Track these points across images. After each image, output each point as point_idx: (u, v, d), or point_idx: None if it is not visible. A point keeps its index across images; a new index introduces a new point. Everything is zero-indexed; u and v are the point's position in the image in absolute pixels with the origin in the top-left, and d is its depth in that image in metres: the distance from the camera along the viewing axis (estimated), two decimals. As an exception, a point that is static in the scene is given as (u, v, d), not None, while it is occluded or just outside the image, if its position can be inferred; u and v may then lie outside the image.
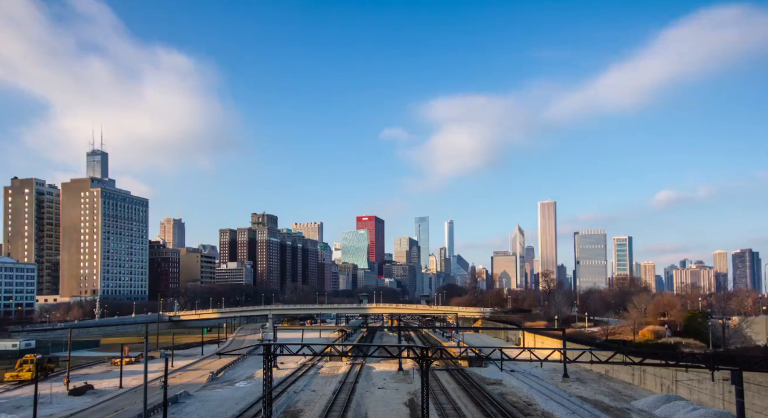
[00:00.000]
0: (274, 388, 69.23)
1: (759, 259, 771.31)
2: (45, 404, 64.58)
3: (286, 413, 59.62)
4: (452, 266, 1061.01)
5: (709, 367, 44.46)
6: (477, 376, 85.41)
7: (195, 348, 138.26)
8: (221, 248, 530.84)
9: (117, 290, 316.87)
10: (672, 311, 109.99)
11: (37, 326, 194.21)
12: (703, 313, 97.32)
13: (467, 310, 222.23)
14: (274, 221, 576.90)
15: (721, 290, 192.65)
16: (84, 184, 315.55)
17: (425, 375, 45.90)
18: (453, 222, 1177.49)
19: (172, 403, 61.81)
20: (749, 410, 47.00)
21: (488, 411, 58.08)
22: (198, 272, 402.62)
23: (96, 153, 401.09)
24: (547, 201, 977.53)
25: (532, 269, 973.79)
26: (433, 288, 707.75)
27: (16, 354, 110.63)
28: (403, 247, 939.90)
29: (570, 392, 71.01)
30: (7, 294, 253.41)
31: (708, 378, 52.23)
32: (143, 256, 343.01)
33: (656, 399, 61.79)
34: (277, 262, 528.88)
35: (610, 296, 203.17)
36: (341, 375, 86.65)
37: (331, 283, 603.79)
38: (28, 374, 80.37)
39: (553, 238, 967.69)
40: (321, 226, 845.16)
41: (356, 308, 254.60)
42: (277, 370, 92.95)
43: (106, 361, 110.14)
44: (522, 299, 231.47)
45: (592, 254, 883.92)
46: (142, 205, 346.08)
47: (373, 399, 66.43)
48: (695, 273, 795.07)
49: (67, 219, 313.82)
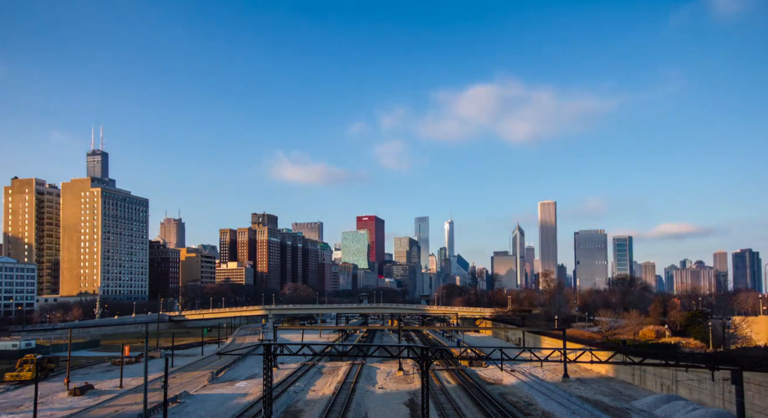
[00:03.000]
0: (275, 388, 69.22)
1: (759, 259, 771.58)
2: (45, 403, 64.62)
3: (287, 413, 59.62)
4: (452, 266, 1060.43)
5: (709, 367, 44.44)
6: (477, 376, 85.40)
7: (195, 348, 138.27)
8: (221, 248, 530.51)
9: (117, 290, 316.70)
10: (672, 311, 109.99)
11: (38, 326, 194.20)
12: (703, 313, 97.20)
13: (467, 310, 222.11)
14: (274, 221, 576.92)
15: (722, 290, 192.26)
16: (84, 184, 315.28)
17: (425, 375, 45.90)
18: (453, 222, 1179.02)
19: (172, 403, 61.83)
20: (749, 410, 47.00)
21: (488, 411, 58.07)
22: (198, 272, 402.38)
23: (96, 153, 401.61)
24: (547, 201, 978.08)
25: (532, 269, 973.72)
26: (433, 288, 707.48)
27: (16, 354, 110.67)
28: (403, 247, 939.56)
29: (570, 392, 70.98)
30: (7, 294, 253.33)
31: (708, 378, 52.22)
32: (143, 256, 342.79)
33: (656, 399, 61.77)
34: (277, 262, 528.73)
35: (611, 296, 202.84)
36: (341, 375, 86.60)
37: (331, 283, 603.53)
38: (29, 374, 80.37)
39: (553, 238, 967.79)
40: (321, 226, 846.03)
41: (356, 308, 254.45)
42: (278, 370, 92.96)
43: (106, 361, 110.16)
44: (522, 299, 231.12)
45: (592, 254, 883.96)
46: (142, 205, 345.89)
47: (373, 399, 66.42)
48: (695, 273, 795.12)
49: (67, 219, 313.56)
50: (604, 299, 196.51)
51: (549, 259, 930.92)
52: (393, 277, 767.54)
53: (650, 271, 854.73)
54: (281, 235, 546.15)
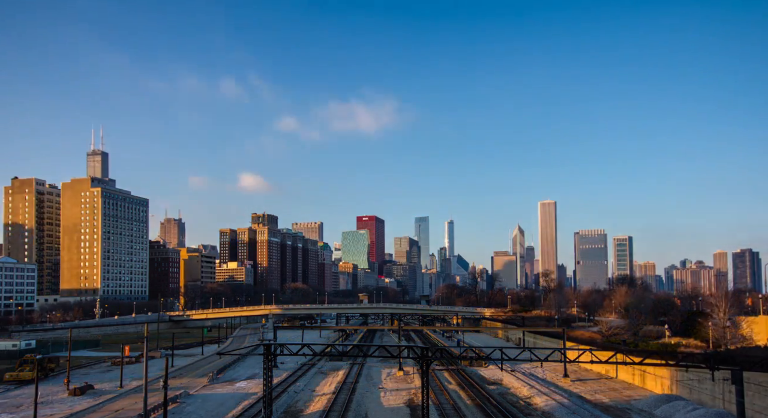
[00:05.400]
0: (275, 388, 69.21)
1: (759, 259, 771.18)
2: (45, 404, 64.63)
3: (287, 413, 59.62)
4: (452, 266, 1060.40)
5: (709, 367, 44.49)
6: (477, 376, 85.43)
7: (195, 348, 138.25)
8: (221, 248, 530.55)
9: (117, 289, 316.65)
10: (672, 310, 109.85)
11: (38, 326, 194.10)
12: (704, 313, 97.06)
13: (467, 310, 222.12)
14: (274, 221, 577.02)
15: (722, 290, 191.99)
16: (84, 184, 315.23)
17: (425, 375, 45.93)
18: (453, 222, 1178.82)
19: (172, 403, 61.85)
20: (749, 410, 46.99)
21: (488, 411, 58.10)
22: (198, 272, 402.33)
23: (96, 153, 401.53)
24: (547, 201, 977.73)
25: (533, 268, 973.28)
26: (433, 288, 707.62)
27: (16, 354, 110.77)
28: (403, 247, 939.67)
29: (570, 391, 71.00)
30: (7, 294, 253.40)
31: (708, 378, 52.21)
32: (143, 256, 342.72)
33: (656, 399, 61.76)
34: (277, 262, 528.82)
35: (611, 296, 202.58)
36: (341, 375, 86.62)
37: (331, 283, 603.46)
38: (29, 374, 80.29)
39: (553, 238, 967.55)
40: (321, 226, 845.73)
41: (356, 308, 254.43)
42: (278, 370, 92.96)
43: (106, 361, 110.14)
44: (522, 299, 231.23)
45: (592, 254, 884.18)
46: (143, 205, 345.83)
47: (373, 399, 66.44)
48: (695, 273, 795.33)
49: (67, 219, 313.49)
50: (604, 299, 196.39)
51: (549, 259, 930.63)
52: (393, 277, 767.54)
53: (650, 271, 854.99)
54: (281, 235, 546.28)
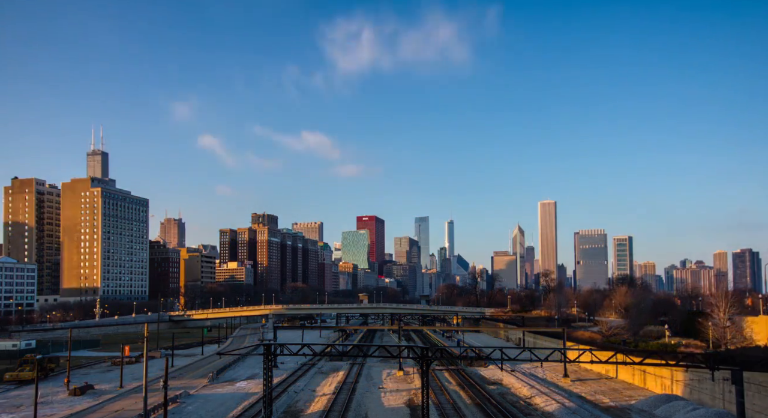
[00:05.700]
0: (275, 388, 69.22)
1: (759, 259, 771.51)
2: (45, 404, 64.61)
3: (287, 413, 59.61)
4: (452, 265, 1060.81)
5: (709, 367, 44.49)
6: (477, 376, 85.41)
7: (195, 348, 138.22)
8: (221, 248, 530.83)
9: (117, 289, 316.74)
10: (672, 310, 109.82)
11: (38, 326, 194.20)
12: (704, 313, 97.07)
13: (467, 310, 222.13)
14: (274, 221, 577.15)
15: (722, 290, 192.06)
16: (84, 184, 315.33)
17: (425, 375, 45.93)
18: (453, 222, 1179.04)
19: (172, 403, 61.84)
20: (749, 410, 46.98)
21: (488, 411, 58.09)
22: (198, 272, 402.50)
23: (96, 153, 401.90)
24: (547, 201, 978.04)
25: (533, 268, 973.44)
26: (433, 288, 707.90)
27: (16, 354, 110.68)
28: (403, 247, 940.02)
29: (570, 391, 71.01)
30: (7, 294, 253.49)
31: (708, 378, 52.20)
32: (143, 256, 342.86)
33: (656, 399, 61.74)
34: (277, 262, 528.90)
35: (611, 296, 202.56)
36: (341, 375, 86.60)
37: (331, 283, 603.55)
38: (29, 374, 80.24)
39: (553, 237, 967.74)
40: (321, 226, 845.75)
41: (356, 308, 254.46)
42: (278, 370, 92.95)
43: (106, 361, 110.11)
44: (522, 299, 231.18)
45: (592, 254, 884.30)
46: (143, 205, 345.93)
47: (373, 399, 66.43)
48: (695, 273, 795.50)
49: (67, 219, 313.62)
50: (604, 299, 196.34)
51: (549, 259, 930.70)
52: (393, 277, 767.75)
53: (650, 271, 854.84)
54: (281, 235, 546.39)
